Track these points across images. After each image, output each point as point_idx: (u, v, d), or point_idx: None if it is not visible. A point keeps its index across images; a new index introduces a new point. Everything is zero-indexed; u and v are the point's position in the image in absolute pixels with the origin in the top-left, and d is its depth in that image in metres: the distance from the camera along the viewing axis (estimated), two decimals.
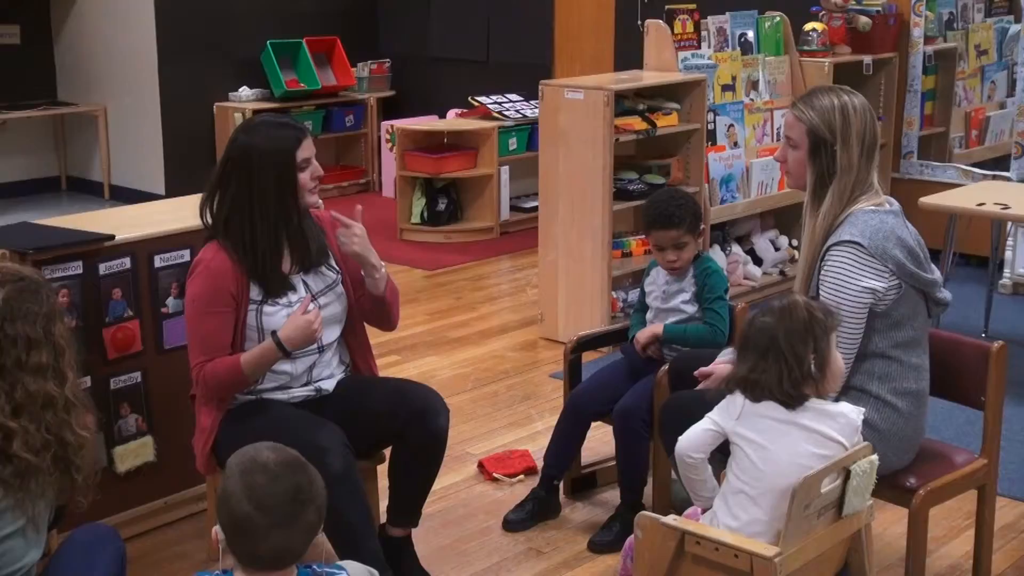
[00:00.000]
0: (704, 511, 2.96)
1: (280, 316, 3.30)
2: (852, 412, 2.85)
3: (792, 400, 2.80)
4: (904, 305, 3.14)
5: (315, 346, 3.35)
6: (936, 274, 3.22)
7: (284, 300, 3.33)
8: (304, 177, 3.30)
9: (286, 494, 2.20)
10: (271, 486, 2.19)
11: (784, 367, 2.79)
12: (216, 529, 2.25)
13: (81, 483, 2.63)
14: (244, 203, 3.28)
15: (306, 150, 3.31)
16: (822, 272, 3.14)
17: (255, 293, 3.30)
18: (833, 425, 2.81)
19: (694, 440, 2.94)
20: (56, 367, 2.59)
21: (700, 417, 2.96)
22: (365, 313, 3.54)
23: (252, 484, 2.19)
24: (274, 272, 3.31)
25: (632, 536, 2.97)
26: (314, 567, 2.33)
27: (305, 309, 3.24)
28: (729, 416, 2.88)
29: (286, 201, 3.29)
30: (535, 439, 4.57)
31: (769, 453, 2.80)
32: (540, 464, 4.09)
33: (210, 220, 3.35)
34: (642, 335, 3.89)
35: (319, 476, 2.29)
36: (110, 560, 2.69)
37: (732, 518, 2.83)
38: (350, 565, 2.45)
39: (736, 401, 2.87)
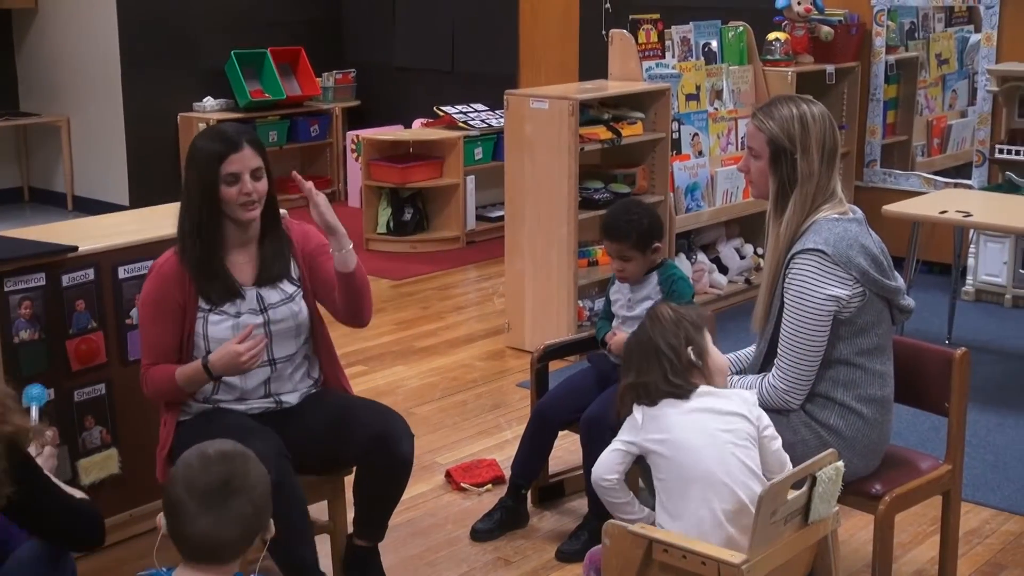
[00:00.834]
0: None
1: (224, 327, 3.26)
2: (743, 391, 2.99)
3: (682, 390, 2.89)
4: (868, 312, 3.15)
5: (264, 360, 3.27)
6: (900, 281, 3.24)
7: (232, 310, 3.28)
8: (230, 192, 3.21)
9: (217, 480, 2.23)
10: (202, 471, 2.24)
11: (665, 362, 2.90)
12: (160, 516, 2.30)
13: None
14: (182, 209, 3.28)
15: (234, 164, 3.20)
16: (786, 280, 3.16)
17: (204, 301, 3.27)
18: (728, 401, 2.89)
19: (604, 463, 2.98)
20: None
21: None
22: (337, 309, 3.43)
23: (187, 471, 2.25)
24: (212, 281, 3.25)
25: (593, 548, 2.98)
26: None
27: (243, 338, 3.18)
28: (634, 429, 2.93)
29: (206, 211, 3.22)
30: (503, 448, 4.57)
31: (677, 441, 2.85)
32: (508, 473, 4.09)
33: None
34: (613, 340, 3.87)
35: (263, 474, 2.30)
36: None
37: (673, 519, 2.85)
38: None
39: (636, 415, 2.93)
